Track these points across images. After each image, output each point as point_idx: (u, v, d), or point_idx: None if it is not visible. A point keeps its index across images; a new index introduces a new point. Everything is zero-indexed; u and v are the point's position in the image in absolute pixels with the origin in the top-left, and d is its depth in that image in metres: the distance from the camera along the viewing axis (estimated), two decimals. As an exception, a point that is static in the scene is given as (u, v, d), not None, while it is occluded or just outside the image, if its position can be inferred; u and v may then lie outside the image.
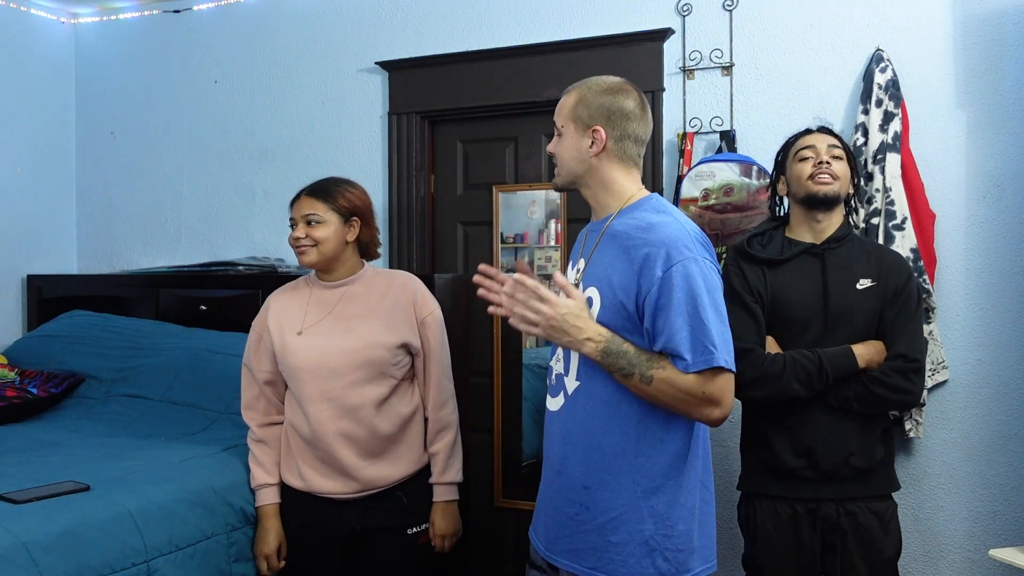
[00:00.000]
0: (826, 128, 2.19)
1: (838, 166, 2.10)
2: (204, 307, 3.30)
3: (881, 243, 2.45)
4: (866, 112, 2.56)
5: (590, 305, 1.69)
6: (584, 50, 2.96)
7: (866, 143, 2.55)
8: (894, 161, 2.51)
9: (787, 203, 2.23)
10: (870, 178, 2.53)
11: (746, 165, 2.67)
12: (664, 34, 2.87)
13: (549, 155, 1.82)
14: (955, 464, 2.58)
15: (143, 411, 2.82)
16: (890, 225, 2.49)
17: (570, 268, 1.86)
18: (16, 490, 1.95)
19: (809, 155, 2.11)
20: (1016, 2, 2.51)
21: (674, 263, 1.59)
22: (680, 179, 2.76)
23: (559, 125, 1.78)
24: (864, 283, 2.07)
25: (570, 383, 1.75)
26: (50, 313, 3.57)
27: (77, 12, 3.87)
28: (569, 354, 1.75)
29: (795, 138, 2.19)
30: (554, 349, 1.85)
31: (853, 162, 2.17)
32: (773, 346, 2.08)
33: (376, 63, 3.28)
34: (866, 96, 2.57)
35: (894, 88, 2.56)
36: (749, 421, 2.18)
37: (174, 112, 3.71)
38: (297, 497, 2.21)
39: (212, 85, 3.63)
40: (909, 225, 2.49)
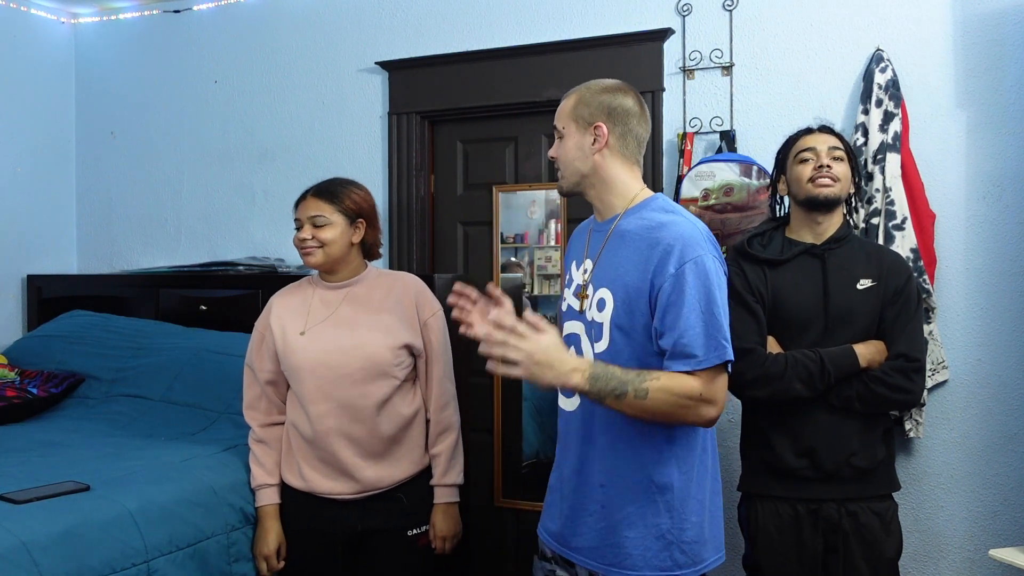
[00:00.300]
0: (827, 127, 2.18)
1: (839, 168, 2.10)
2: (204, 307, 3.30)
3: (881, 243, 2.45)
4: (866, 112, 2.56)
5: (602, 307, 1.71)
6: (584, 50, 2.96)
7: (866, 143, 2.55)
8: (894, 161, 2.51)
9: (787, 202, 2.23)
10: (870, 178, 2.53)
11: (746, 165, 2.67)
12: (664, 34, 2.87)
13: (551, 159, 1.83)
14: (955, 464, 2.58)
15: (143, 411, 2.82)
16: (890, 225, 2.49)
17: (574, 269, 1.85)
18: (16, 490, 1.94)
19: (809, 157, 2.10)
20: (1016, 2, 2.51)
21: (687, 260, 1.60)
22: (680, 179, 2.76)
23: (560, 127, 1.78)
24: (864, 283, 2.07)
25: None
26: (50, 313, 3.57)
27: (77, 12, 3.87)
28: (583, 354, 1.75)
29: (795, 138, 2.18)
30: None
31: (854, 161, 2.16)
32: (774, 346, 2.08)
33: (376, 63, 3.28)
34: (866, 96, 2.57)
35: (894, 88, 2.55)
36: (749, 421, 2.18)
37: (174, 112, 3.71)
38: (298, 497, 2.21)
39: (212, 85, 3.63)
40: (909, 225, 2.49)
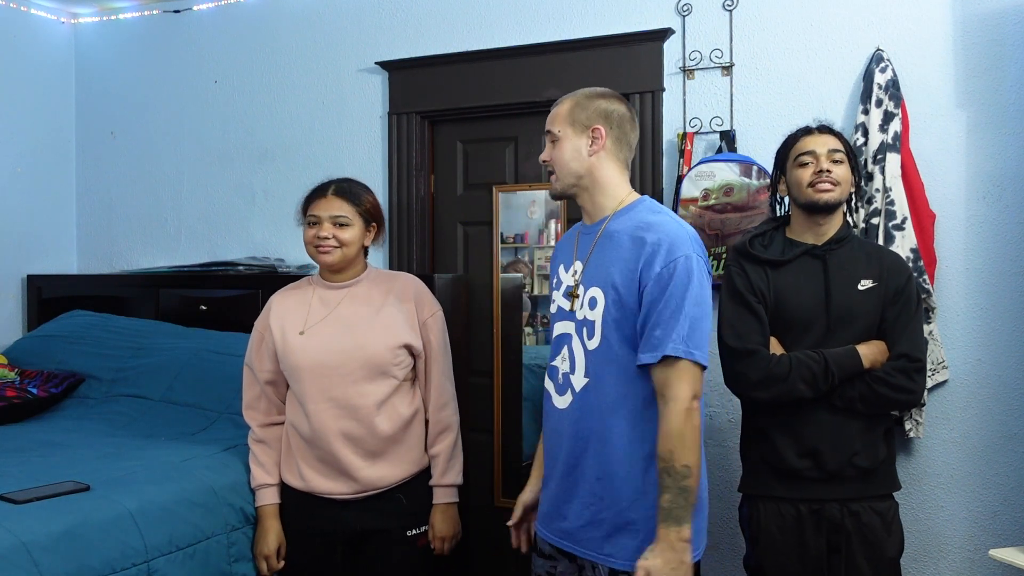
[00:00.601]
0: (827, 127, 2.16)
1: (839, 171, 2.08)
2: (204, 307, 3.30)
3: (881, 243, 2.45)
4: (866, 112, 2.56)
5: (594, 306, 1.74)
6: (584, 50, 2.96)
7: (866, 143, 2.55)
8: (894, 161, 2.51)
9: (787, 202, 2.22)
10: (870, 178, 2.53)
11: (746, 165, 2.67)
12: (664, 34, 2.86)
13: (543, 163, 1.87)
14: (955, 464, 2.58)
15: (143, 411, 2.82)
16: (890, 225, 2.49)
17: (562, 272, 1.89)
18: (16, 490, 1.95)
19: (809, 161, 2.09)
20: (1016, 2, 2.51)
21: (672, 259, 1.68)
22: (680, 179, 2.76)
23: (555, 131, 1.83)
24: (865, 284, 2.07)
25: (578, 380, 1.79)
26: (50, 313, 3.57)
27: (77, 12, 3.87)
28: (574, 353, 1.80)
29: (795, 138, 2.16)
30: (556, 349, 1.87)
31: (854, 161, 2.15)
32: (777, 347, 2.07)
33: (376, 63, 3.28)
34: (866, 96, 2.57)
35: (894, 88, 2.55)
36: (750, 422, 2.17)
37: (174, 112, 3.71)
38: (297, 497, 2.21)
39: (212, 85, 3.63)
40: (909, 225, 2.49)
